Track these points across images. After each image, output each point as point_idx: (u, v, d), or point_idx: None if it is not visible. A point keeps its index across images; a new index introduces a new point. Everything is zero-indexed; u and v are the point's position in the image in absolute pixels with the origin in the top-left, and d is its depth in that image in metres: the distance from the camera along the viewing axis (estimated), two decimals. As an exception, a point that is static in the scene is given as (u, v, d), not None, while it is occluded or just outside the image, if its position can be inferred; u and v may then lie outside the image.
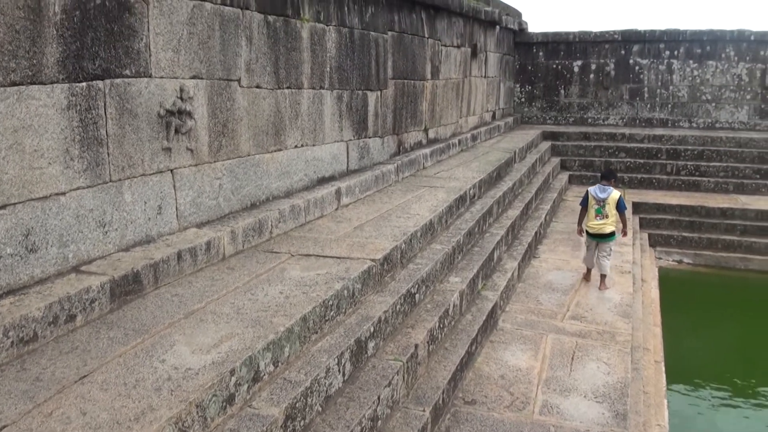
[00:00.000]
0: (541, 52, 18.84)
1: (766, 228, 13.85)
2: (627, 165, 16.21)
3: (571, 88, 18.78)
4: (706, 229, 14.09)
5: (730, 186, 15.55)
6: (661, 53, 18.15)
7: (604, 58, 18.46)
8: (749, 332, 11.09)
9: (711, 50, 17.92)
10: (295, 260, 5.72)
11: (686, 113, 18.25)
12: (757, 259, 13.44)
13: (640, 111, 18.46)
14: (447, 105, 12.61)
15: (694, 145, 16.42)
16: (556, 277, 9.30)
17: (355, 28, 8.64)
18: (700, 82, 18.08)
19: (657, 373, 8.10)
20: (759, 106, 17.87)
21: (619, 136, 17.02)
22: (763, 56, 17.64)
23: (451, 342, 6.22)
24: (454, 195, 8.68)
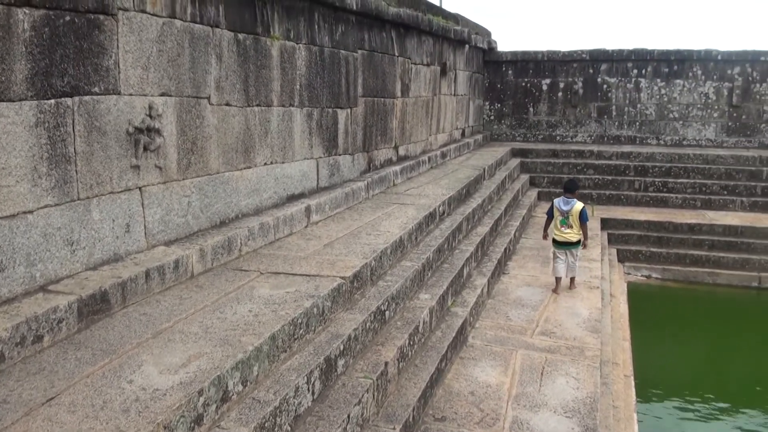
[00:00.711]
0: (510, 70, 19.04)
1: (733, 243, 14.08)
2: (595, 182, 16.39)
3: (540, 106, 18.98)
4: (674, 244, 14.29)
5: (698, 202, 15.79)
6: (629, 72, 18.43)
7: (572, 77, 18.70)
8: (718, 346, 11.25)
9: (678, 69, 18.24)
10: (264, 278, 5.71)
11: (654, 131, 18.52)
12: (725, 273, 13.65)
13: (608, 128, 18.69)
14: (417, 122, 12.68)
15: (662, 162, 16.66)
16: (525, 293, 9.36)
17: (326, 46, 8.68)
18: (668, 101, 18.37)
19: (626, 387, 8.16)
20: (726, 124, 18.19)
21: (587, 153, 17.21)
22: (731, 75, 18.00)
23: (421, 359, 6.23)
24: (423, 212, 8.71)
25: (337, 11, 8.93)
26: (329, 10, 8.73)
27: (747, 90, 18.03)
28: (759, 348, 11.19)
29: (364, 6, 9.51)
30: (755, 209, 15.55)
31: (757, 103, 18.03)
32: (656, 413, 8.75)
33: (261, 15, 7.15)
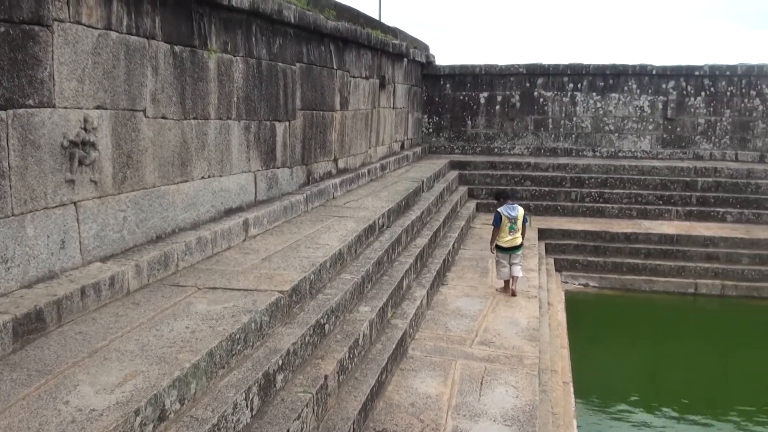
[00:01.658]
0: (449, 84, 19.26)
1: (669, 251, 14.50)
2: (533, 193, 16.65)
3: (478, 119, 19.23)
4: (611, 253, 14.61)
5: (634, 212, 16.19)
6: (565, 86, 18.83)
7: (509, 90, 19.00)
8: (655, 352, 11.53)
9: (614, 83, 18.72)
10: (201, 294, 5.65)
11: (590, 143, 18.93)
12: (661, 281, 14.06)
13: (545, 141, 19.04)
14: (356, 135, 12.72)
15: (598, 173, 17.03)
16: (464, 303, 9.44)
17: (263, 59, 8.66)
18: (604, 114, 18.82)
19: (565, 394, 8.30)
20: (661, 136, 18.72)
21: (524, 165, 17.47)
22: (665, 89, 18.55)
23: (361, 372, 6.24)
24: (363, 225, 8.74)
25: (275, 24, 8.93)
26: (267, 23, 8.72)
27: (681, 103, 18.60)
28: (696, 354, 11.52)
29: (303, 19, 9.53)
30: (690, 218, 16.03)
31: (691, 116, 18.61)
32: (595, 419, 8.92)
33: (198, 27, 7.11)
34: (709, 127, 18.64)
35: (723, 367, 11.10)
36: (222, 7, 7.48)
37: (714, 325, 12.94)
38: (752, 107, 18.49)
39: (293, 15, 9.19)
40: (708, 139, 18.67)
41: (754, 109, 18.49)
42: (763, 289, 13.88)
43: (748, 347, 11.88)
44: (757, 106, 18.47)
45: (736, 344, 11.99)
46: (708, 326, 12.89)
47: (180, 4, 6.77)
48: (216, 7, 7.39)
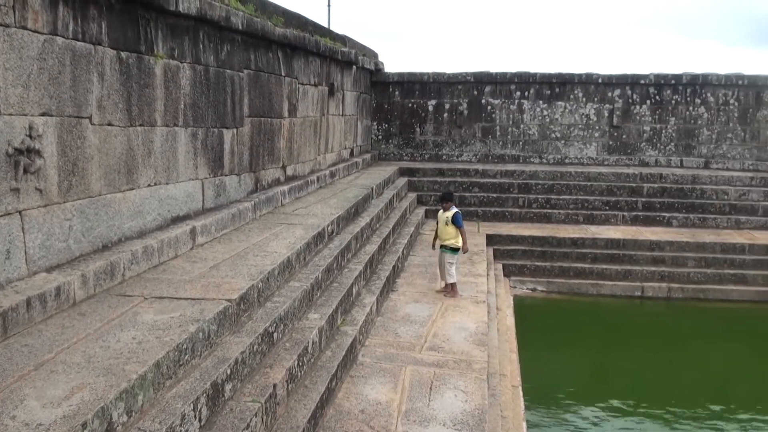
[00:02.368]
0: (398, 91, 19.35)
1: (615, 255, 14.77)
2: (481, 199, 16.81)
3: (427, 126, 19.37)
4: (558, 258, 14.83)
5: (581, 217, 16.46)
6: (512, 94, 19.08)
7: (457, 98, 19.18)
8: (603, 354, 11.74)
9: (560, 91, 19.04)
10: (148, 303, 5.58)
11: (537, 150, 19.19)
12: (607, 284, 14.32)
13: (493, 148, 19.24)
14: (305, 142, 12.69)
15: (545, 180, 17.27)
16: (414, 309, 9.48)
17: (211, 65, 8.61)
18: (550, 121, 19.11)
19: (515, 397, 8.39)
20: (607, 143, 19.08)
21: (472, 171, 17.63)
22: (611, 97, 18.94)
23: (311, 379, 6.22)
24: (312, 232, 8.72)
25: (222, 31, 8.88)
26: (215, 30, 8.67)
27: (627, 111, 19.00)
28: (643, 355, 11.76)
29: (251, 26, 9.49)
30: (636, 223, 16.38)
31: (636, 124, 19.02)
32: (545, 421, 9.04)
33: (145, 33, 7.03)
34: (655, 135, 19.06)
35: (670, 367, 11.33)
36: (169, 13, 7.41)
37: (661, 327, 13.21)
38: (697, 115, 18.97)
39: (241, 22, 9.15)
40: (653, 146, 19.09)
41: (699, 116, 18.97)
42: (708, 291, 14.24)
43: (694, 348, 12.18)
44: (702, 114, 18.95)
45: (682, 345, 12.27)
46: (655, 328, 13.15)
47: (127, 10, 6.69)
48: (163, 12, 7.32)
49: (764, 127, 18.99)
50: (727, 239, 15.29)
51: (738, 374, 11.16)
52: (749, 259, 14.78)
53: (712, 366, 11.41)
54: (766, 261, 14.72)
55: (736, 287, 14.35)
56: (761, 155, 19.02)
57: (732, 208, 16.78)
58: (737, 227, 16.37)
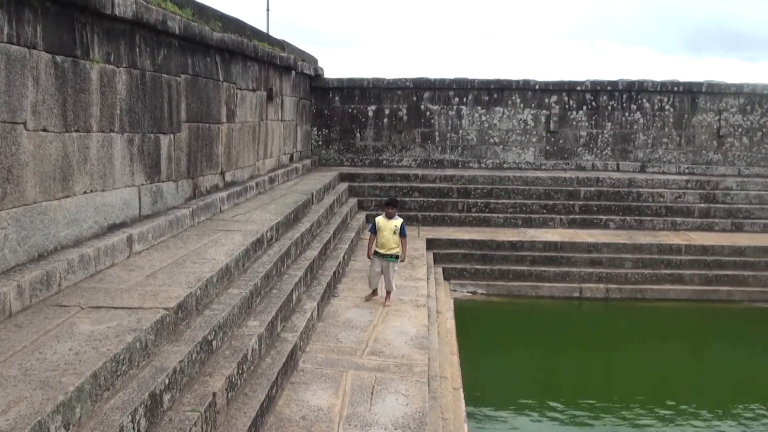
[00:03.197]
0: (337, 96, 19.35)
1: (553, 258, 15.05)
2: (421, 204, 16.91)
3: (367, 132, 19.40)
4: (497, 261, 15.01)
5: (519, 221, 16.70)
6: (451, 100, 19.26)
7: (397, 104, 19.27)
8: (543, 355, 11.95)
9: (498, 97, 19.29)
10: (85, 313, 5.48)
11: (476, 155, 19.41)
12: (546, 286, 14.58)
13: (432, 153, 19.39)
14: (244, 148, 12.61)
15: (483, 184, 17.49)
16: (355, 314, 9.49)
17: (147, 70, 8.50)
18: (489, 127, 19.34)
19: (456, 399, 8.48)
20: (544, 148, 19.40)
21: (412, 176, 17.73)
22: (548, 103, 19.28)
23: (251, 387, 6.19)
24: (251, 238, 8.67)
25: (159, 35, 8.77)
26: (151, 34, 8.56)
27: (564, 117, 19.35)
28: (583, 355, 12.02)
29: (188, 30, 9.39)
30: (573, 226, 16.69)
31: (573, 129, 19.38)
32: (486, 422, 9.16)
33: (81, 37, 6.91)
34: (591, 139, 19.45)
35: (609, 366, 11.62)
36: (105, 17, 7.30)
37: (599, 327, 13.53)
38: (633, 120, 19.44)
39: (178, 26, 9.05)
40: (590, 151, 19.48)
41: (635, 122, 19.44)
42: (646, 291, 14.64)
43: (633, 347, 12.50)
44: (638, 119, 19.43)
45: (621, 344, 12.57)
46: (593, 328, 13.46)
47: (62, 13, 6.57)
48: (99, 16, 7.20)
49: (699, 132, 19.55)
50: (663, 240, 15.72)
51: (677, 371, 11.50)
52: (686, 260, 15.22)
53: (652, 364, 11.72)
54: (702, 261, 15.19)
55: (673, 287, 14.77)
56: (696, 159, 19.58)
57: (668, 211, 17.27)
58: (673, 229, 16.84)
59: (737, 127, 19.56)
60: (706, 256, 15.28)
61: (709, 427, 9.41)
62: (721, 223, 17.05)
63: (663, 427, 9.31)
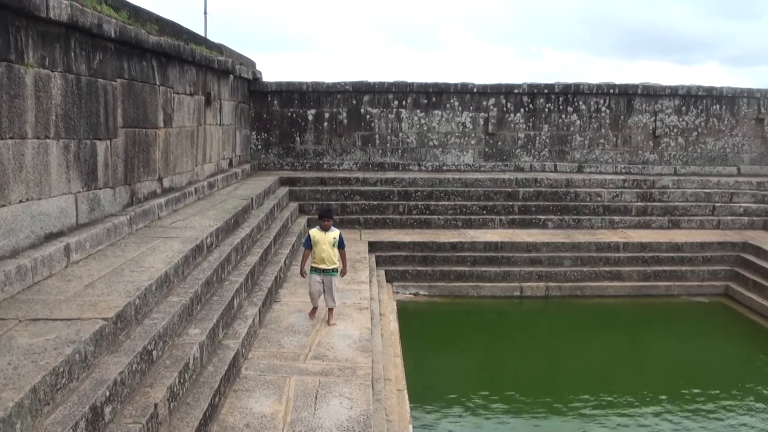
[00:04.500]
0: (276, 100, 19.23)
1: (493, 258, 15.28)
2: (362, 207, 16.96)
3: (307, 136, 19.34)
4: (439, 262, 15.16)
5: (460, 222, 16.90)
6: (390, 103, 19.34)
7: (337, 107, 19.26)
8: (486, 353, 12.13)
9: (437, 101, 19.46)
10: (23, 326, 5.36)
11: (416, 157, 19.53)
12: (487, 286, 14.83)
13: (373, 156, 19.44)
14: (182, 153, 12.46)
15: (424, 187, 17.63)
16: (297, 319, 9.46)
17: (83, 74, 8.34)
18: (428, 129, 19.48)
19: (400, 401, 8.54)
20: (483, 150, 19.64)
21: (353, 180, 17.77)
22: (486, 106, 19.52)
23: (193, 396, 6.13)
24: (190, 245, 8.58)
25: (95, 38, 8.61)
26: (87, 37, 8.40)
27: (502, 119, 19.61)
28: (525, 352, 12.24)
29: (124, 34, 9.25)
30: (513, 226, 16.99)
31: (511, 131, 19.66)
32: (432, 422, 9.24)
33: (15, 41, 6.76)
34: (529, 141, 19.76)
35: (552, 362, 11.83)
36: (40, 20, 7.15)
37: (540, 325, 13.80)
38: (570, 122, 19.82)
39: (114, 29, 8.91)
40: (528, 152, 19.79)
41: (571, 123, 19.83)
42: (585, 288, 15.01)
43: (574, 342, 12.81)
44: (574, 121, 19.81)
45: (562, 340, 12.85)
46: (535, 326, 13.73)
47: (-5, 17, 6.42)
48: (34, 19, 7.05)
49: (635, 133, 20.09)
50: (601, 238, 16.12)
51: (618, 364, 11.84)
52: (624, 257, 15.65)
53: (593, 358, 12.03)
54: (640, 257, 15.65)
55: (612, 283, 15.20)
56: (633, 159, 20.12)
57: (606, 210, 17.72)
58: (611, 227, 17.29)
59: (673, 128, 20.18)
60: (644, 253, 15.72)
61: (650, 415, 9.71)
62: (659, 221, 17.58)
63: (607, 419, 9.54)
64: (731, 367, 11.88)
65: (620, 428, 9.34)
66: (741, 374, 11.41)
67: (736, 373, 11.52)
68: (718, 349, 12.80)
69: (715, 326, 13.97)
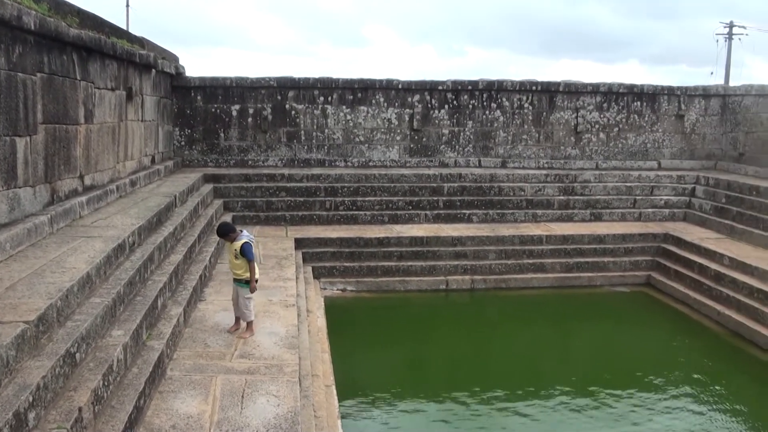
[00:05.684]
0: (200, 96, 18.92)
1: (420, 252, 15.53)
2: (288, 204, 16.93)
3: (231, 132, 19.12)
4: (365, 257, 15.31)
5: (386, 217, 17.08)
6: (316, 99, 19.30)
7: (261, 103, 19.10)
8: (414, 346, 12.33)
9: (363, 97, 19.50)
10: (-61, 331, 5.22)
11: (342, 154, 19.55)
12: (414, 280, 15.10)
13: (298, 152, 19.38)
14: (103, 150, 12.19)
15: (350, 183, 17.70)
16: (223, 318, 9.40)
17: (2, 68, 8.09)
18: (353, 125, 19.53)
19: (328, 396, 8.63)
20: (408, 146, 19.81)
21: (279, 176, 17.69)
22: (411, 102, 19.68)
23: (118, 399, 6.06)
24: (112, 244, 8.43)
25: (14, 31, 8.35)
26: (6, 30, 8.12)
27: (426, 116, 19.79)
28: (452, 344, 12.50)
29: (44, 26, 9.00)
30: (438, 221, 17.27)
31: (436, 127, 19.88)
32: (362, 416, 9.38)
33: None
34: (454, 137, 20.01)
35: (478, 354, 12.09)
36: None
37: (467, 317, 14.11)
38: (493, 118, 20.17)
39: (34, 21, 8.66)
40: (453, 148, 20.05)
41: (495, 120, 20.18)
42: (509, 280, 15.49)
43: (500, 333, 13.21)
44: (498, 117, 20.18)
45: (488, 332, 13.19)
46: (461, 318, 14.02)
47: None
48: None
49: (557, 129, 20.61)
50: (525, 232, 16.54)
51: (542, 354, 12.21)
52: (547, 249, 16.10)
53: (519, 348, 12.43)
54: (562, 250, 16.14)
55: (536, 275, 15.69)
56: (555, 154, 20.63)
57: (529, 203, 18.20)
58: (534, 220, 17.77)
59: (594, 124, 20.77)
60: (567, 245, 16.21)
61: (575, 401, 10.07)
62: (581, 214, 18.14)
63: (533, 407, 9.82)
64: (654, 352, 12.46)
65: (546, 415, 9.64)
66: (663, 359, 11.99)
67: (658, 357, 12.10)
68: (641, 336, 13.35)
69: (637, 314, 14.53)
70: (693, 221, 18.25)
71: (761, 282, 13.29)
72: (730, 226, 16.77)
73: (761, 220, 16.03)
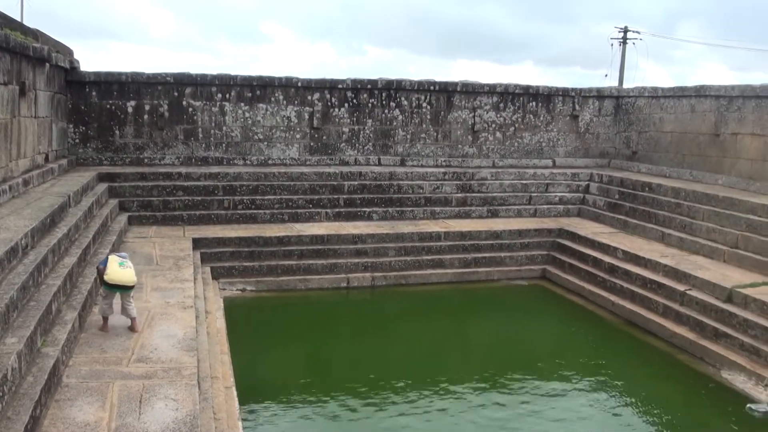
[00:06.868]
0: (95, 91, 18.39)
1: (320, 250, 15.72)
2: (186, 203, 16.75)
3: (126, 129, 18.66)
4: (265, 257, 15.36)
5: (286, 216, 17.16)
6: (214, 96, 19.12)
7: (157, 99, 18.76)
8: (316, 345, 12.53)
9: (261, 94, 19.46)
10: None
11: (240, 152, 19.47)
12: (315, 278, 15.30)
13: (196, 150, 19.16)
14: (-6, 149, 11.83)
15: (249, 181, 17.67)
16: (119, 321, 9.24)
17: None
18: (252, 123, 19.46)
19: (228, 398, 8.68)
20: (309, 144, 19.91)
21: (176, 175, 17.47)
22: (311, 100, 19.79)
23: (13, 410, 5.97)
24: (4, 247, 8.23)
25: None
26: None
27: (327, 114, 19.94)
28: (354, 341, 12.80)
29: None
30: (339, 219, 17.51)
31: (336, 125, 20.06)
32: (263, 417, 9.48)
33: None
34: (354, 136, 20.25)
35: (380, 349, 12.37)
36: None
37: (368, 313, 14.48)
38: (393, 117, 20.53)
39: None
40: (353, 147, 20.28)
41: (394, 118, 20.55)
42: (409, 276, 15.90)
43: (400, 329, 13.56)
44: (397, 116, 20.55)
45: (389, 328, 13.54)
46: (362, 315, 14.38)
47: None
48: None
49: (455, 128, 21.16)
50: (424, 229, 16.98)
51: (442, 347, 12.63)
52: (445, 245, 16.64)
53: (419, 344, 12.78)
54: (460, 246, 16.74)
55: (435, 271, 16.17)
56: (452, 153, 21.20)
57: (427, 201, 18.68)
58: (433, 218, 18.23)
59: (491, 123, 21.45)
60: (465, 241, 16.76)
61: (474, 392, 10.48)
62: (478, 211, 18.75)
63: (436, 400, 10.15)
64: (552, 342, 13.09)
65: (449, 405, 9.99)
66: (561, 347, 12.60)
67: (556, 346, 12.70)
68: (539, 327, 14.00)
69: (535, 307, 15.20)
70: (587, 217, 19.13)
71: (654, 273, 14.13)
72: (623, 221, 17.69)
73: (654, 215, 17.00)
